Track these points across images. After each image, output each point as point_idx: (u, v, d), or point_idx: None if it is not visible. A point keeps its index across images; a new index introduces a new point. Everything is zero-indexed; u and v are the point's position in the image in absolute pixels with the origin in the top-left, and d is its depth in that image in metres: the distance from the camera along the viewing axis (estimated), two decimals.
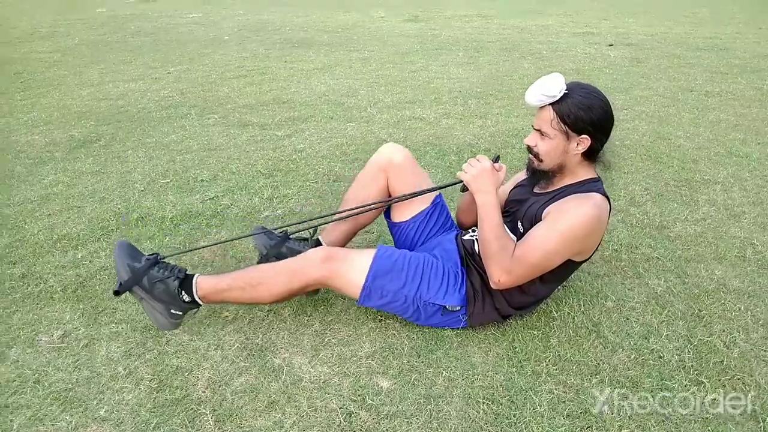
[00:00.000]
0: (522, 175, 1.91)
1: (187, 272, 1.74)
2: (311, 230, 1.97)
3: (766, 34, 7.89)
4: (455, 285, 1.75)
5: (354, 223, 2.00)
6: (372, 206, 1.94)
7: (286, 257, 1.83)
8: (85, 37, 7.42)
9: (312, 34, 7.66)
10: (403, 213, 1.98)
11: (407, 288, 1.69)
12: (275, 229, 1.96)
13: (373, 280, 1.67)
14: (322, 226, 2.06)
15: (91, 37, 7.45)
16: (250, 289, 1.68)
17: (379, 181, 1.95)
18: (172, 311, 1.70)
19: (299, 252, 1.83)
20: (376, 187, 1.95)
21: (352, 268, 1.68)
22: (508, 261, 1.61)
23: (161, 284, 1.68)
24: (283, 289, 1.67)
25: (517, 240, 1.71)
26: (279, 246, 1.90)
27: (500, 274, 1.62)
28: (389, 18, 9.34)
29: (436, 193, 1.99)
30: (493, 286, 1.67)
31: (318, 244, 1.94)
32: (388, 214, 2.05)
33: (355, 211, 1.94)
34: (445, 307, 1.72)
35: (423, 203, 1.96)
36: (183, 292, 1.70)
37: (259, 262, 1.89)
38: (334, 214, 1.98)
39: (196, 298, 1.71)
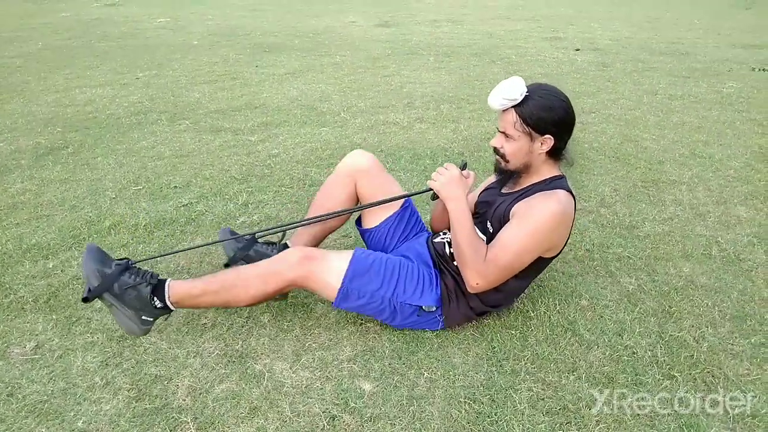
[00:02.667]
0: (491, 179, 1.96)
1: (159, 278, 1.70)
2: (280, 234, 1.96)
3: (725, 39, 8.17)
4: (430, 286, 1.77)
5: (323, 227, 2.01)
6: (341, 213, 1.95)
7: (254, 261, 1.81)
8: (49, 41, 7.25)
9: (283, 39, 7.63)
10: (373, 219, 2.01)
11: (384, 289, 1.71)
12: (243, 235, 1.94)
13: (350, 282, 1.68)
14: (291, 230, 2.06)
15: (56, 41, 7.28)
16: (224, 293, 1.66)
17: (347, 186, 1.98)
18: (143, 317, 1.65)
19: (267, 255, 1.82)
20: (345, 192, 1.98)
21: (329, 269, 1.69)
22: (481, 265, 1.64)
23: (133, 290, 1.63)
24: (258, 291, 1.66)
25: (488, 240, 1.75)
26: (246, 249, 1.88)
27: (476, 279, 1.65)
28: (360, 23, 9.37)
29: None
30: (470, 290, 1.70)
31: (286, 248, 1.94)
32: (359, 222, 2.07)
33: (324, 216, 1.93)
34: (421, 307, 1.74)
35: (392, 208, 2.00)
36: (155, 299, 1.66)
37: (226, 266, 1.87)
38: (303, 221, 1.96)
39: (169, 304, 1.67)
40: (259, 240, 1.94)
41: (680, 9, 12.29)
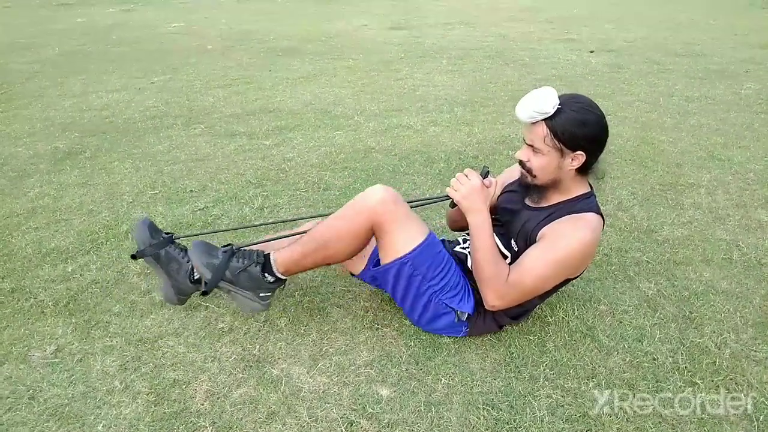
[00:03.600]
0: (510, 177, 1.88)
1: (264, 253, 1.72)
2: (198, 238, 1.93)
3: (742, 39, 8.07)
4: (468, 294, 1.73)
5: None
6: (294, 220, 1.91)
7: (161, 260, 1.79)
8: (65, 47, 7.34)
9: (296, 43, 7.66)
10: (356, 263, 1.89)
11: (435, 281, 1.66)
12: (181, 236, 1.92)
13: (415, 256, 1.62)
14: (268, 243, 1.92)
15: (72, 47, 7.36)
16: (322, 249, 1.65)
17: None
18: (261, 294, 1.70)
19: (176, 259, 1.79)
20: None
21: (406, 229, 1.63)
22: (502, 286, 1.60)
23: (244, 273, 1.67)
24: (349, 237, 1.63)
25: (511, 258, 1.72)
26: (158, 247, 1.79)
27: (494, 299, 1.62)
28: (373, 26, 9.38)
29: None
30: (487, 308, 1.67)
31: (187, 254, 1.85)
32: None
33: (269, 223, 1.87)
34: (456, 312, 1.70)
35: (368, 247, 1.80)
36: (266, 275, 1.69)
37: (133, 257, 1.81)
38: (230, 229, 1.95)
39: (279, 276, 1.70)
40: (176, 240, 1.87)
41: (696, 9, 12.16)
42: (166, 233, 1.83)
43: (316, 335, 1.83)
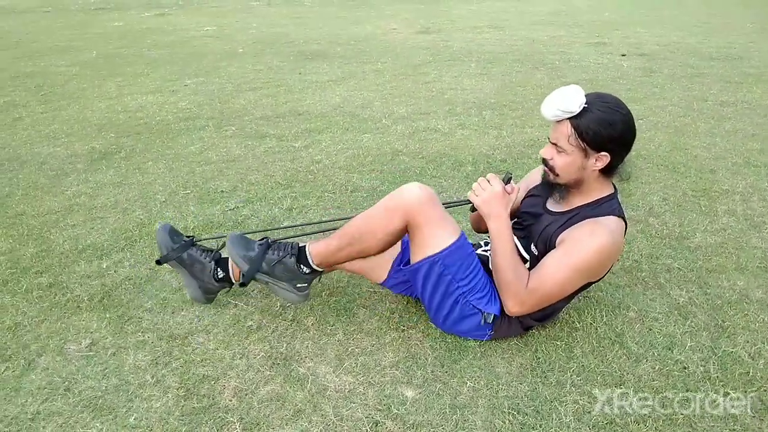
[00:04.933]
0: (536, 175, 1.87)
1: (299, 245, 1.77)
2: (218, 241, 1.99)
3: None
4: (494, 296, 1.72)
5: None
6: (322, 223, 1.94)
7: (185, 262, 1.84)
8: (102, 50, 7.54)
9: (325, 46, 7.73)
10: (378, 273, 1.90)
11: (464, 282, 1.66)
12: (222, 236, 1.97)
13: (446, 256, 1.63)
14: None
15: (108, 50, 7.56)
16: (357, 243, 1.68)
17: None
18: (298, 285, 1.75)
19: (199, 260, 1.84)
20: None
21: (440, 228, 1.63)
22: (522, 292, 1.60)
23: (280, 264, 1.72)
24: (382, 232, 1.64)
25: (531, 262, 1.71)
26: (180, 251, 1.84)
27: (514, 305, 1.62)
28: (401, 30, 9.41)
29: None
30: (507, 313, 1.67)
31: (221, 259, 1.88)
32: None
33: (300, 225, 1.92)
34: (483, 313, 1.70)
35: (392, 253, 1.86)
36: (302, 266, 1.74)
37: (158, 262, 1.87)
38: (257, 230, 1.98)
39: (314, 267, 1.74)
40: (197, 243, 1.91)
41: (731, 12, 11.88)
42: (187, 237, 1.89)
43: (342, 335, 1.84)
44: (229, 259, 1.85)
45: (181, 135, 3.94)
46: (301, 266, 1.75)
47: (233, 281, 1.88)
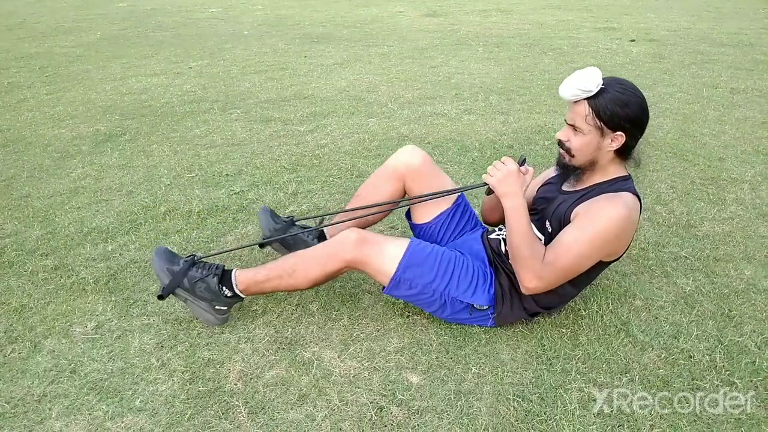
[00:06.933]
0: (551, 173, 1.88)
1: (225, 268, 1.77)
2: (317, 219, 2.02)
3: None
4: (484, 285, 1.74)
5: (363, 221, 1.99)
6: (390, 204, 1.96)
7: (288, 243, 1.92)
8: (106, 31, 7.50)
9: (331, 29, 7.66)
10: (424, 214, 1.97)
11: (437, 282, 1.69)
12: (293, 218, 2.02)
13: (403, 271, 1.67)
14: (330, 219, 2.12)
15: (113, 31, 7.52)
16: (287, 278, 1.70)
17: (394, 183, 1.94)
18: (217, 307, 1.75)
19: (302, 240, 1.92)
20: (390, 189, 1.95)
21: (383, 255, 1.68)
22: (538, 267, 1.59)
23: (201, 283, 1.73)
24: (318, 273, 1.69)
25: (546, 240, 1.70)
26: (282, 231, 1.94)
27: (531, 280, 1.61)
28: (408, 13, 9.31)
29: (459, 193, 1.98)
30: (524, 291, 1.66)
31: (322, 234, 1.99)
32: (409, 215, 2.05)
33: (373, 209, 1.95)
34: (472, 305, 1.72)
35: (445, 203, 1.95)
36: (224, 288, 1.74)
37: (260, 245, 1.97)
38: (346, 210, 1.99)
39: (237, 292, 1.75)
40: (297, 223, 1.99)
41: None
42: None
43: (347, 320, 1.84)
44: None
45: (185, 118, 3.92)
46: (224, 288, 1.74)
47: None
